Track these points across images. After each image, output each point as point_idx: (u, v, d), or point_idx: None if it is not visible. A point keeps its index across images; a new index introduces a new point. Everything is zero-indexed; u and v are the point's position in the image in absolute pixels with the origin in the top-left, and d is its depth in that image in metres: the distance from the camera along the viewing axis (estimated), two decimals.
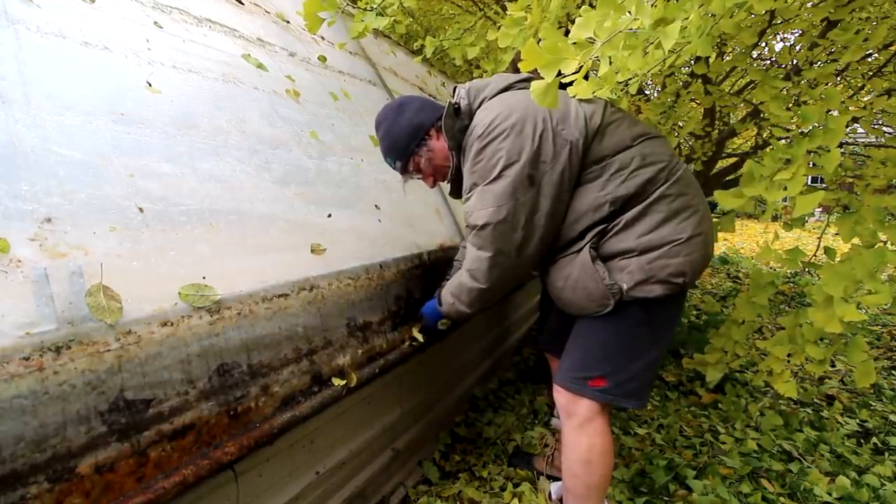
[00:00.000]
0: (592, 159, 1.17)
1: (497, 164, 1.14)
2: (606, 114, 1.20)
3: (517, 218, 1.15)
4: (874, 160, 1.64)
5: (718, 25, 0.98)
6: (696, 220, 1.17)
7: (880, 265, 1.12)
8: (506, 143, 1.13)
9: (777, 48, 3.63)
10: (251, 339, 0.98)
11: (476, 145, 1.17)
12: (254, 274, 1.05)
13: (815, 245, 1.95)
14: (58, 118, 0.94)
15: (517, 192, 1.13)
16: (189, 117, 1.21)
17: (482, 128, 1.16)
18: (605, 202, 1.16)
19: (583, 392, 1.26)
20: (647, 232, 1.14)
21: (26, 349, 0.67)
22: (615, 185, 1.15)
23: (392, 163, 1.38)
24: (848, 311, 1.12)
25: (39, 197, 0.81)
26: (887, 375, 2.93)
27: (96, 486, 0.72)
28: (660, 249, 1.14)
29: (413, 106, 1.35)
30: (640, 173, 1.15)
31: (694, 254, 1.16)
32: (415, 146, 1.33)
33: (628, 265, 1.16)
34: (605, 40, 0.74)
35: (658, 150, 1.20)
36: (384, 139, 1.36)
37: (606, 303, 1.17)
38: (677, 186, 1.17)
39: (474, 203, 1.19)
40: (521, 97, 1.20)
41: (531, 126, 1.13)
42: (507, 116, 1.15)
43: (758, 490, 1.72)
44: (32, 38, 1.01)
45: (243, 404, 0.95)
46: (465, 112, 1.27)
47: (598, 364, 1.24)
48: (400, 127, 1.32)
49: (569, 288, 1.24)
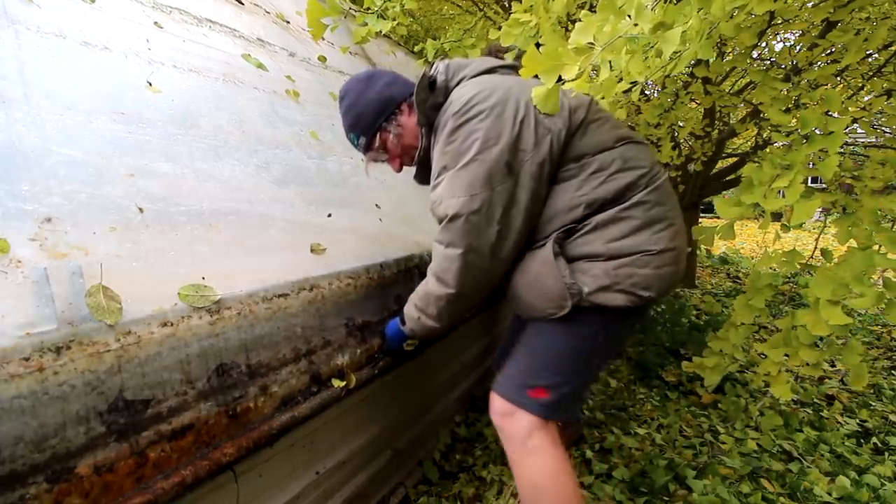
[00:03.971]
0: (572, 156, 1.08)
1: (472, 145, 1.02)
2: (591, 111, 1.12)
3: (493, 210, 1.03)
4: (873, 161, 1.64)
5: (718, 28, 0.98)
6: (670, 234, 1.08)
7: (868, 268, 1.12)
8: (484, 123, 1.02)
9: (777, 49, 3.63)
10: (251, 339, 0.98)
11: (450, 124, 1.05)
12: (253, 274, 1.05)
13: (815, 245, 1.95)
14: (58, 118, 0.94)
15: (493, 179, 1.02)
16: (189, 117, 1.21)
17: (459, 105, 1.05)
18: (581, 204, 1.06)
19: (521, 402, 1.13)
20: (618, 237, 1.05)
21: (26, 349, 0.67)
22: (592, 187, 1.07)
23: (355, 139, 1.25)
24: (833, 314, 1.11)
25: (39, 197, 0.81)
26: (887, 375, 2.93)
27: (95, 487, 0.72)
28: (629, 257, 1.04)
29: (384, 78, 1.23)
30: (620, 177, 1.07)
31: (664, 268, 1.06)
32: (383, 121, 1.21)
33: (592, 268, 1.06)
34: (604, 45, 0.74)
35: (640, 156, 1.12)
36: (348, 112, 1.23)
37: (563, 304, 1.06)
38: (656, 195, 1.09)
39: (444, 190, 1.06)
40: (504, 80, 1.11)
41: (512, 109, 1.04)
42: (486, 97, 1.05)
43: (758, 490, 1.73)
44: (32, 38, 1.01)
45: (242, 404, 0.95)
46: (441, 88, 1.15)
47: (542, 373, 1.13)
48: (367, 99, 1.20)
49: (525, 283, 1.12)
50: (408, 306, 1.23)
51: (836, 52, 2.59)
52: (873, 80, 2.79)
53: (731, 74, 4.04)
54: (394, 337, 1.30)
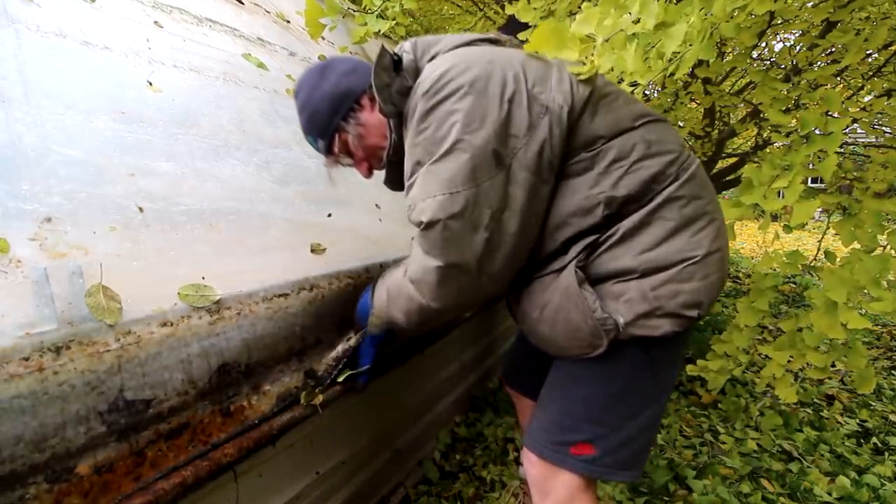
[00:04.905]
0: (582, 141, 0.87)
1: (450, 132, 0.81)
2: (598, 84, 0.90)
3: (478, 212, 0.82)
4: (874, 162, 1.64)
5: (719, 29, 0.98)
6: (712, 232, 0.88)
7: (883, 271, 1.11)
8: (462, 103, 0.81)
9: (777, 49, 3.63)
10: (251, 339, 0.98)
11: (421, 106, 0.84)
12: (253, 274, 1.05)
13: (816, 245, 1.95)
14: (58, 117, 0.93)
15: (478, 173, 0.81)
16: (189, 116, 1.21)
17: (430, 82, 0.84)
18: (598, 203, 0.86)
19: (564, 463, 0.94)
20: (651, 246, 0.85)
21: (26, 349, 0.67)
22: (612, 181, 0.85)
23: (314, 142, 1.07)
24: (852, 317, 1.11)
25: (39, 197, 0.81)
26: (887, 375, 2.93)
27: (95, 487, 0.72)
28: (668, 271, 0.85)
29: (341, 67, 1.02)
30: (644, 166, 0.86)
31: (711, 276, 0.87)
32: (339, 119, 1.01)
33: (626, 291, 0.86)
34: (605, 38, 0.74)
35: (665, 137, 0.90)
36: (303, 111, 1.04)
37: (597, 343, 0.86)
38: (690, 186, 0.88)
39: (417, 190, 0.85)
40: (485, 50, 0.91)
41: (498, 84, 0.82)
42: (464, 70, 0.83)
43: (758, 490, 1.73)
44: (32, 38, 1.01)
45: (236, 403, 0.94)
46: (409, 69, 0.94)
47: (584, 425, 0.94)
48: (322, 94, 1.00)
49: (546, 321, 0.91)
50: (380, 286, 1.04)
51: (836, 52, 2.60)
52: (873, 80, 2.79)
53: (731, 74, 4.04)
54: (363, 311, 1.09)
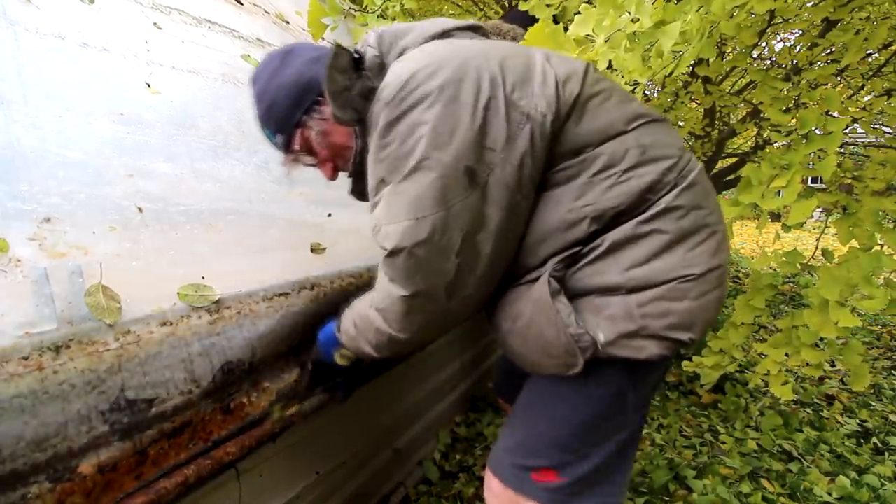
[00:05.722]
0: (567, 149, 0.77)
1: (416, 147, 0.71)
2: (588, 81, 0.79)
3: (448, 238, 0.73)
4: (873, 161, 1.64)
5: (719, 27, 0.99)
6: (712, 246, 0.78)
7: (877, 269, 1.11)
8: (430, 113, 0.71)
9: (777, 48, 3.63)
10: (251, 339, 0.98)
11: (384, 116, 0.74)
12: (253, 274, 1.05)
13: (815, 245, 1.95)
14: (57, 119, 0.94)
15: (448, 194, 0.71)
16: (188, 117, 1.21)
17: (394, 88, 0.73)
18: (585, 217, 0.75)
19: (523, 488, 0.85)
20: (642, 262, 0.75)
21: (26, 349, 0.68)
22: (600, 192, 0.75)
23: (271, 137, 0.96)
24: (843, 315, 1.11)
25: (39, 197, 0.81)
26: (887, 375, 2.93)
27: (98, 486, 0.72)
28: (659, 288, 0.74)
29: (305, 54, 0.90)
30: (638, 174, 0.76)
31: (708, 295, 0.76)
32: (301, 113, 0.89)
33: (608, 306, 0.76)
34: (604, 38, 0.74)
35: (663, 140, 0.81)
36: (259, 101, 0.92)
37: (571, 361, 0.76)
38: (690, 195, 0.78)
39: (382, 212, 0.76)
40: (461, 46, 0.79)
41: (472, 89, 0.72)
42: (433, 73, 0.72)
43: (758, 490, 1.73)
44: (31, 39, 1.01)
45: (236, 400, 0.95)
46: (373, 67, 0.82)
47: (549, 450, 0.84)
48: (281, 83, 0.89)
49: (518, 333, 0.82)
50: (346, 317, 0.93)
51: (836, 51, 2.60)
52: (873, 79, 2.79)
53: (731, 74, 4.04)
54: (327, 342, 0.99)
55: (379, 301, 0.82)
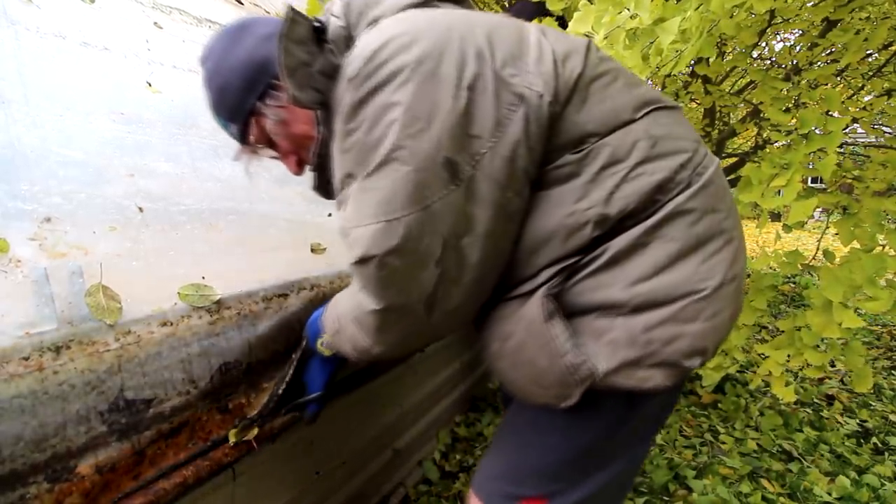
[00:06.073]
0: (567, 140, 0.65)
1: (386, 135, 0.59)
2: (591, 60, 0.67)
3: (426, 243, 0.61)
4: (874, 162, 1.64)
5: (718, 26, 0.99)
6: (729, 256, 0.67)
7: (880, 270, 1.11)
8: (403, 92, 0.59)
9: (777, 48, 3.63)
10: (250, 339, 0.98)
11: (349, 97, 0.62)
12: (253, 274, 1.05)
13: (816, 245, 1.95)
14: (57, 118, 0.94)
15: (425, 191, 0.60)
16: (189, 117, 1.21)
17: (360, 62, 0.60)
18: (587, 222, 0.64)
19: None
20: (649, 274, 0.64)
21: (26, 349, 0.67)
22: (604, 192, 0.64)
23: (224, 126, 0.85)
24: (847, 316, 1.11)
25: (39, 197, 0.81)
26: (887, 375, 2.93)
27: (96, 486, 0.72)
28: (668, 307, 0.63)
29: (261, 30, 0.77)
30: (647, 170, 0.64)
31: (722, 313, 0.66)
32: (255, 99, 0.77)
33: (609, 330, 0.64)
34: (603, 35, 0.74)
35: (677, 132, 0.69)
36: (209, 84, 0.80)
37: (566, 393, 0.65)
38: (704, 197, 0.67)
39: (350, 213, 0.65)
40: (441, 15, 0.67)
41: (454, 64, 0.59)
42: (408, 43, 0.60)
43: (758, 490, 1.73)
44: (32, 39, 1.01)
45: (234, 400, 0.95)
46: (338, 40, 0.70)
47: (540, 478, 0.76)
48: (233, 63, 0.76)
49: (506, 355, 0.71)
50: (331, 309, 0.84)
51: (836, 51, 2.60)
52: (873, 79, 2.79)
53: (731, 74, 4.04)
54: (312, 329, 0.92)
55: (351, 310, 0.74)
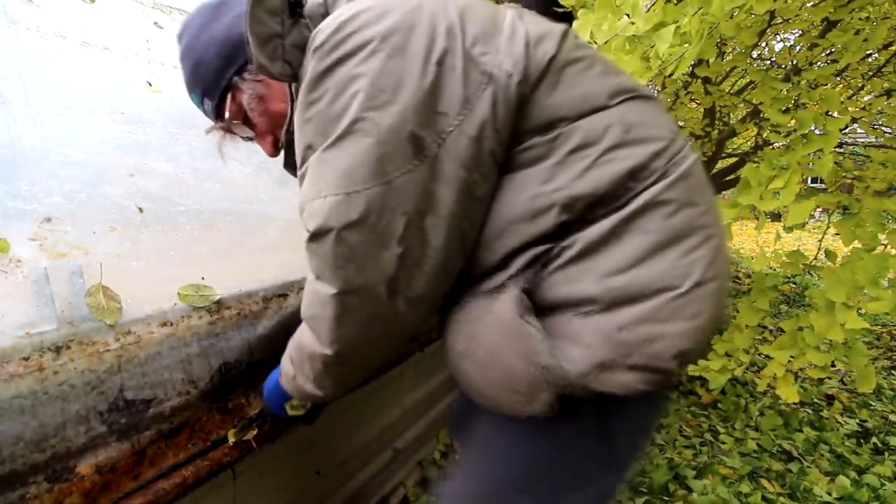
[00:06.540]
0: (536, 123, 0.63)
1: (349, 106, 0.57)
2: (567, 45, 0.65)
3: (387, 219, 0.58)
4: (874, 162, 1.64)
5: (718, 28, 0.99)
6: (708, 254, 0.63)
7: (882, 270, 1.11)
8: (369, 64, 0.57)
9: (777, 48, 3.63)
10: (250, 339, 0.98)
11: (313, 67, 0.60)
12: (253, 274, 1.05)
13: (816, 245, 1.95)
14: (58, 118, 0.94)
15: (387, 165, 0.57)
16: (189, 117, 1.21)
17: (327, 33, 0.59)
18: (553, 205, 0.61)
19: None
20: (623, 268, 0.60)
21: (26, 349, 0.67)
22: (573, 175, 0.61)
23: (199, 102, 0.83)
24: (850, 317, 1.11)
25: (39, 197, 0.81)
26: (887, 375, 2.93)
27: (96, 486, 0.72)
28: (644, 303, 0.59)
29: (239, 7, 0.75)
30: (619, 156, 0.62)
31: (703, 314, 0.61)
32: (233, 74, 0.77)
33: (581, 329, 0.60)
34: (602, 42, 0.74)
35: (653, 120, 0.67)
36: (185, 58, 0.80)
37: (536, 398, 0.62)
38: (682, 188, 0.64)
39: (308, 186, 0.62)
40: None
41: (423, 40, 0.58)
42: (377, 16, 0.59)
43: (758, 490, 1.73)
44: (32, 39, 1.01)
45: (234, 400, 0.95)
46: (314, 14, 0.69)
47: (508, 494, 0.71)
48: (210, 37, 0.76)
49: (472, 357, 0.67)
50: (285, 357, 0.79)
51: (836, 52, 2.60)
52: (873, 80, 2.80)
53: (731, 74, 4.04)
54: (272, 395, 0.86)
55: (306, 308, 0.67)
